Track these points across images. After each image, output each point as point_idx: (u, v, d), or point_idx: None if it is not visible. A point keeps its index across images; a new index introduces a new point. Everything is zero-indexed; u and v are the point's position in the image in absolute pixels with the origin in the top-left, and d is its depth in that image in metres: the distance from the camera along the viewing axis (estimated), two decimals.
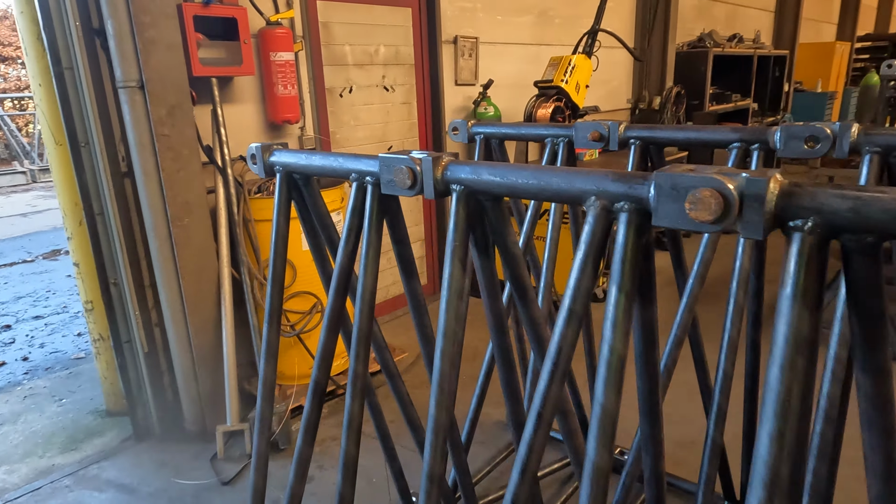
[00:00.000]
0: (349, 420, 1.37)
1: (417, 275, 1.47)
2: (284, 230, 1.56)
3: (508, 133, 2.10)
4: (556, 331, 0.98)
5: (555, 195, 1.01)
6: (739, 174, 0.74)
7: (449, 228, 1.16)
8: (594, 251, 0.95)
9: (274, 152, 1.54)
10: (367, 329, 1.35)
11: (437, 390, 1.17)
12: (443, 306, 1.17)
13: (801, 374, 0.73)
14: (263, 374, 1.59)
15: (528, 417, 1.01)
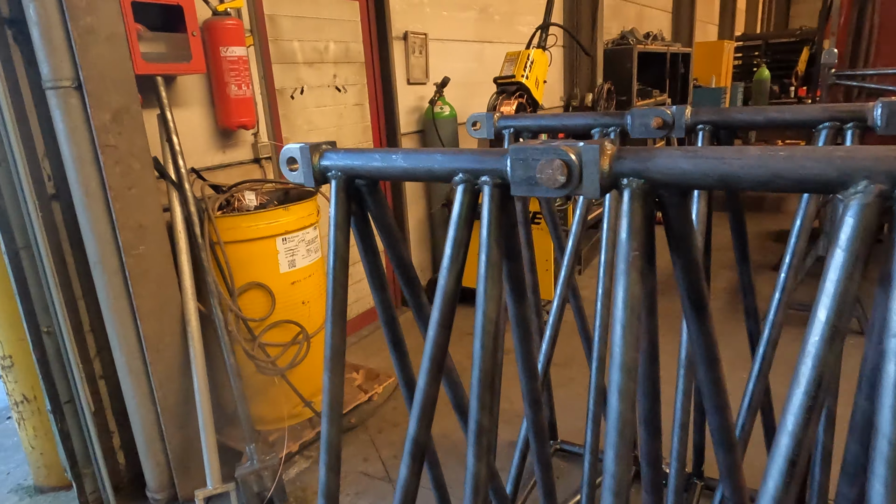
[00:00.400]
0: (475, 482, 1.08)
1: (528, 297, 1.21)
2: (344, 250, 1.23)
3: (546, 125, 1.87)
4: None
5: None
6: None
7: (621, 233, 0.91)
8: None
9: (325, 154, 1.21)
10: (492, 370, 1.06)
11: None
12: (617, 332, 0.92)
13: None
14: (327, 438, 1.25)
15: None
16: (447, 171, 1.02)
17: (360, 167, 1.17)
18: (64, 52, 1.97)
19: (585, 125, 1.80)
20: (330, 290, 1.25)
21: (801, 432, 0.77)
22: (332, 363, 1.25)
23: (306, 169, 1.22)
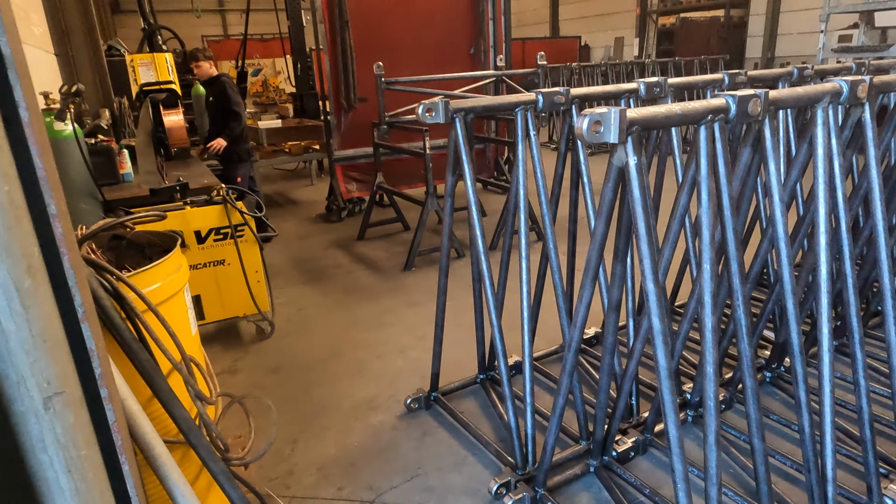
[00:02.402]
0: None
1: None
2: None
3: (487, 108, 2.30)
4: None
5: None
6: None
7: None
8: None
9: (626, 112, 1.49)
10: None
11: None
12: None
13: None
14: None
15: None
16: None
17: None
18: None
19: (511, 105, 2.37)
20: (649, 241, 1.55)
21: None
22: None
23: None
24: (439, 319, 2.84)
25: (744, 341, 1.82)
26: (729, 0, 18.17)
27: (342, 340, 3.78)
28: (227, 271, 3.68)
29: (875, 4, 9.21)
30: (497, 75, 6.09)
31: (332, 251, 5.61)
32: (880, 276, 2.12)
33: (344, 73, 6.30)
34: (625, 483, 2.37)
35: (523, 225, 2.34)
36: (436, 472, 2.52)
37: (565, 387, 2.06)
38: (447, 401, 2.98)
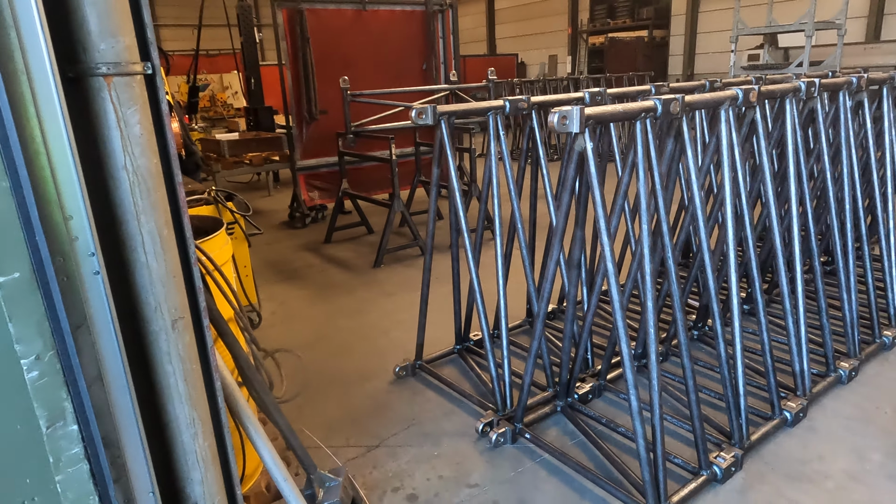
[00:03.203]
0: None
1: None
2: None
3: (466, 111, 2.80)
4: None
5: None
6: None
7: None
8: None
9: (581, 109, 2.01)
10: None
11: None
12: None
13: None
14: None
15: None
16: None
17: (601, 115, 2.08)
18: None
19: (484, 109, 2.87)
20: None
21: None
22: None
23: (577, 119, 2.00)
24: (424, 294, 3.29)
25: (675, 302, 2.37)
26: (652, 21, 19.64)
27: (327, 327, 4.16)
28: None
29: (776, 28, 10.41)
30: (450, 89, 6.63)
31: (303, 253, 5.94)
32: (774, 247, 2.75)
33: (305, 86, 6.69)
34: (586, 417, 2.88)
35: (497, 206, 2.84)
36: (429, 422, 2.95)
37: (539, 330, 2.55)
38: (431, 368, 3.42)
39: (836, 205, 3.14)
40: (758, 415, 2.80)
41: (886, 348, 3.38)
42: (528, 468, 2.57)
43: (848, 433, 2.70)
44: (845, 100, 3.19)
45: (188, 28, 11.93)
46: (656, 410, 2.22)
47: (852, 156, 3.23)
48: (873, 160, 3.46)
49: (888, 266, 3.48)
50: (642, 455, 2.18)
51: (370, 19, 7.15)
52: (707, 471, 2.38)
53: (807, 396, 2.87)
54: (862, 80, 3.24)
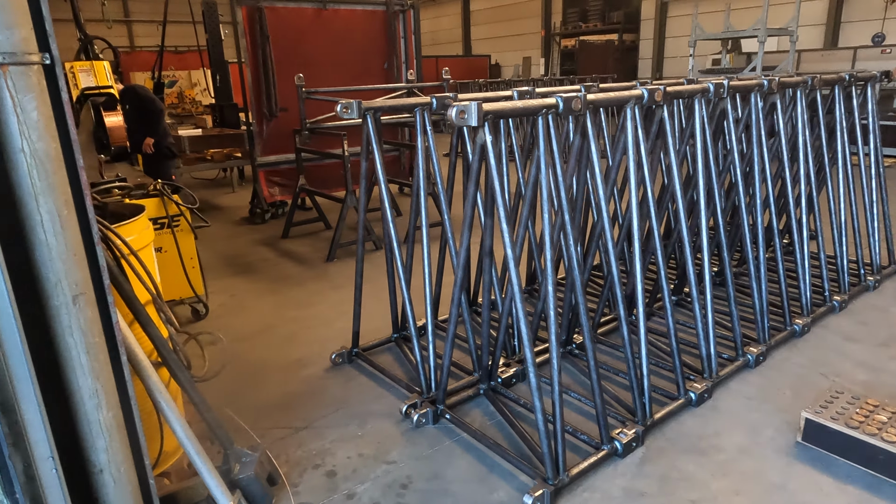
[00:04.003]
0: None
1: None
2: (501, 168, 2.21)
3: (392, 107, 2.92)
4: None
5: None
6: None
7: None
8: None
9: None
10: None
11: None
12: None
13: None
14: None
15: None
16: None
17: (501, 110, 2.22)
18: None
19: (411, 106, 3.00)
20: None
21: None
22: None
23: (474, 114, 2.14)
24: (358, 283, 3.41)
25: (575, 298, 2.53)
26: (622, 25, 19.98)
27: (274, 317, 4.26)
28: (163, 258, 4.06)
29: (732, 34, 10.72)
30: (408, 88, 6.76)
31: (259, 248, 6.02)
32: (682, 239, 2.93)
33: (265, 84, 6.76)
34: (507, 399, 3.03)
35: (423, 202, 2.97)
36: (358, 405, 3.08)
37: (454, 316, 2.69)
38: (367, 355, 3.55)
39: (746, 200, 3.34)
40: (666, 395, 2.98)
41: (797, 335, 3.59)
42: (445, 446, 2.71)
43: (747, 411, 2.89)
44: (757, 101, 3.39)
45: (159, 24, 11.87)
46: (556, 388, 2.37)
47: (764, 154, 3.43)
48: (786, 159, 3.67)
49: (799, 258, 3.69)
50: (541, 429, 2.33)
51: (331, 18, 7.25)
52: (608, 445, 2.54)
53: (713, 379, 3.05)
54: (773, 83, 3.45)
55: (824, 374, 3.20)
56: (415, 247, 3.72)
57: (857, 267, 4.40)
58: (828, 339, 3.57)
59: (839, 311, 3.93)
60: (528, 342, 2.29)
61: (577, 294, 2.50)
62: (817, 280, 4.07)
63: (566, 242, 2.51)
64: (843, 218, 4.12)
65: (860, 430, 2.44)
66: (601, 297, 3.44)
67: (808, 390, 3.04)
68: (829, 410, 2.58)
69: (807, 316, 3.71)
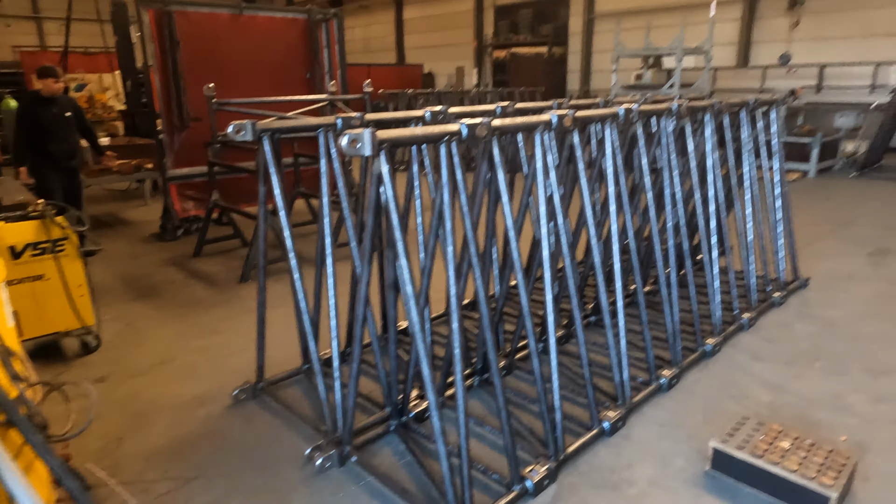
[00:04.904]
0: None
1: None
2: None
3: (292, 128, 2.72)
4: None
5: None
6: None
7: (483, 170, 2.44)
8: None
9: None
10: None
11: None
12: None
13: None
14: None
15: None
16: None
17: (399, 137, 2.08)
18: None
19: (314, 126, 2.82)
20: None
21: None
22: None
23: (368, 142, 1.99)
24: (261, 315, 3.18)
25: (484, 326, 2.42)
26: (551, 39, 20.43)
27: (174, 348, 3.94)
28: (46, 286, 3.68)
29: (651, 51, 11.11)
30: (328, 100, 6.54)
31: (166, 268, 5.63)
32: (594, 266, 2.89)
33: (175, 92, 6.37)
34: (419, 436, 2.88)
35: (327, 228, 2.79)
36: (259, 448, 2.85)
37: (357, 353, 2.53)
38: (274, 390, 3.32)
39: (657, 224, 3.35)
40: (581, 425, 2.92)
41: (707, 356, 3.64)
42: (349, 492, 2.53)
43: (658, 439, 2.86)
44: (666, 125, 3.42)
45: (74, 22, 11.00)
46: (462, 429, 2.25)
47: (674, 178, 3.46)
48: (696, 182, 3.73)
49: (710, 278, 3.76)
50: (445, 475, 2.20)
51: (248, 25, 6.93)
52: (518, 486, 2.44)
53: (626, 405, 3.02)
54: (682, 108, 3.49)
55: (733, 396, 3.24)
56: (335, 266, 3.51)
57: (764, 283, 4.55)
58: (737, 359, 3.64)
59: (748, 328, 4.03)
60: (429, 385, 2.15)
61: (484, 329, 2.39)
62: (728, 296, 4.16)
63: (474, 275, 2.40)
64: (750, 237, 4.25)
65: (764, 458, 2.45)
66: (518, 322, 3.36)
67: (717, 414, 3.06)
68: (736, 438, 2.58)
69: (718, 335, 3.77)
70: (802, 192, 8.64)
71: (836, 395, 3.25)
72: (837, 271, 5.22)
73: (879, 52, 13.17)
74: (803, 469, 2.37)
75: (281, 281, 5.16)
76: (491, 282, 3.47)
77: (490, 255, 3.08)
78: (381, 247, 3.00)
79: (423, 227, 2.93)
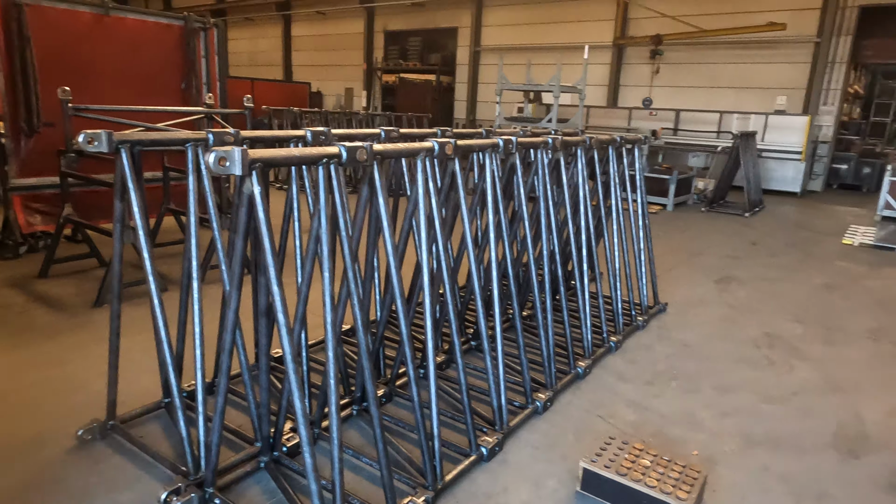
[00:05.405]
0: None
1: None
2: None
3: (157, 141, 2.50)
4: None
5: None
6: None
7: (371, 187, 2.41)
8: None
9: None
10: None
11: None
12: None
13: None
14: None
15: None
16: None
17: (272, 158, 1.98)
18: None
19: (182, 140, 2.62)
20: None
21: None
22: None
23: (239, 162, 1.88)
24: (114, 345, 2.87)
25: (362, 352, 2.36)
26: (440, 68, 21.00)
27: (8, 382, 3.44)
28: None
29: (532, 87, 11.77)
30: (205, 113, 6.18)
31: (4, 291, 4.94)
32: (474, 293, 2.92)
33: (25, 94, 5.70)
34: (292, 473, 2.72)
35: (194, 249, 2.59)
36: (105, 495, 2.53)
37: (223, 387, 2.34)
38: (128, 428, 2.99)
39: (533, 252, 3.49)
40: (459, 451, 2.91)
41: (580, 378, 3.82)
42: None
43: (533, 462, 2.93)
44: (542, 157, 3.59)
45: None
46: (335, 465, 2.15)
47: (549, 209, 3.63)
48: (569, 212, 3.94)
49: (581, 303, 3.97)
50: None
51: (115, 27, 6.40)
52: None
53: (504, 430, 3.07)
54: (557, 142, 3.69)
55: (601, 416, 3.42)
56: (207, 290, 3.23)
57: (629, 308, 4.90)
58: (605, 380, 3.86)
59: (615, 350, 4.30)
60: (301, 418, 2.03)
61: (362, 359, 2.32)
62: (598, 320, 4.42)
63: (352, 302, 2.33)
64: (617, 264, 4.56)
65: (628, 476, 2.58)
66: (399, 348, 3.32)
67: (587, 434, 3.20)
68: (604, 458, 2.70)
69: (588, 358, 3.97)
70: (662, 224, 9.48)
71: (689, 411, 3.53)
72: (691, 297, 5.75)
73: (723, 102, 14.97)
74: (661, 484, 2.53)
75: (144, 304, 4.73)
76: (374, 306, 3.41)
77: (371, 279, 3.02)
78: (255, 270, 2.83)
79: (301, 251, 2.82)
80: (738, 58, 15.00)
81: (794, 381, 4.03)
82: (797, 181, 13.18)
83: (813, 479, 2.93)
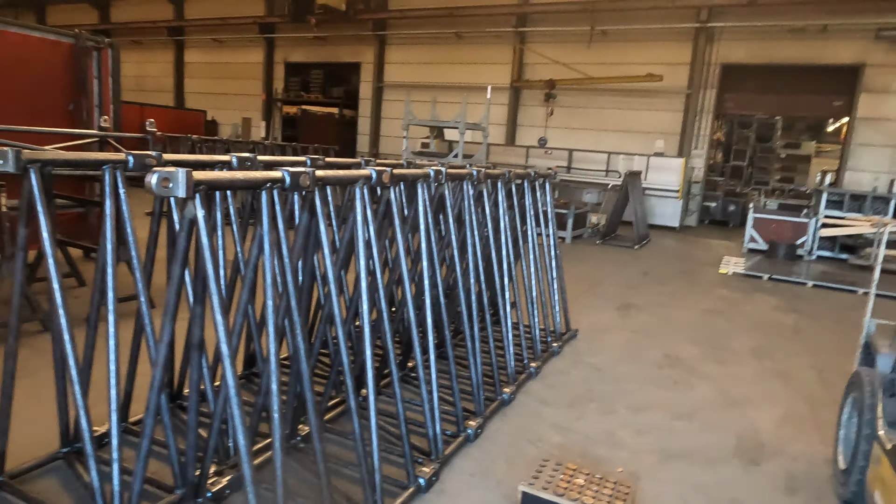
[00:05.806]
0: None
1: None
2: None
3: (71, 161, 2.29)
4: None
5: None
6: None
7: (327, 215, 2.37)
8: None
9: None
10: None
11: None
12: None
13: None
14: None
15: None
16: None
17: (217, 180, 1.89)
18: None
19: (99, 162, 2.42)
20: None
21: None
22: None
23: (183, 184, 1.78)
24: (7, 389, 2.54)
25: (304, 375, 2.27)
26: (342, 101, 21.01)
27: None
28: None
29: (437, 123, 12.11)
30: (102, 136, 5.75)
31: None
32: (408, 322, 2.91)
33: None
34: None
35: (110, 283, 2.38)
36: None
37: (149, 427, 2.15)
38: (19, 483, 2.63)
39: (462, 280, 3.55)
40: (398, 484, 2.85)
41: (506, 404, 3.89)
42: None
43: (470, 490, 2.93)
44: (468, 188, 3.69)
45: None
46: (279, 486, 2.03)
47: (475, 238, 3.73)
48: (492, 239, 4.07)
49: (504, 331, 4.07)
50: None
51: None
52: None
53: (440, 459, 3.05)
54: (481, 174, 3.82)
55: (530, 440, 3.49)
56: (102, 328, 2.93)
57: (546, 335, 5.08)
58: (529, 405, 3.95)
59: (536, 376, 4.43)
60: (246, 459, 1.91)
61: (304, 385, 2.23)
62: (519, 348, 4.54)
63: (292, 329, 2.24)
64: (534, 293, 4.73)
65: (566, 496, 2.65)
66: (329, 379, 3.22)
67: (519, 459, 3.25)
68: (540, 480, 2.76)
69: (513, 384, 4.06)
70: (563, 255, 9.94)
71: (609, 431, 3.70)
72: (597, 323, 6.07)
73: (609, 143, 16.21)
74: (597, 501, 2.62)
75: (28, 346, 4.23)
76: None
77: (304, 310, 2.92)
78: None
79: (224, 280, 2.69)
80: (622, 104, 16.37)
81: (696, 398, 4.36)
82: (676, 216, 14.45)
83: (724, 487, 3.17)
